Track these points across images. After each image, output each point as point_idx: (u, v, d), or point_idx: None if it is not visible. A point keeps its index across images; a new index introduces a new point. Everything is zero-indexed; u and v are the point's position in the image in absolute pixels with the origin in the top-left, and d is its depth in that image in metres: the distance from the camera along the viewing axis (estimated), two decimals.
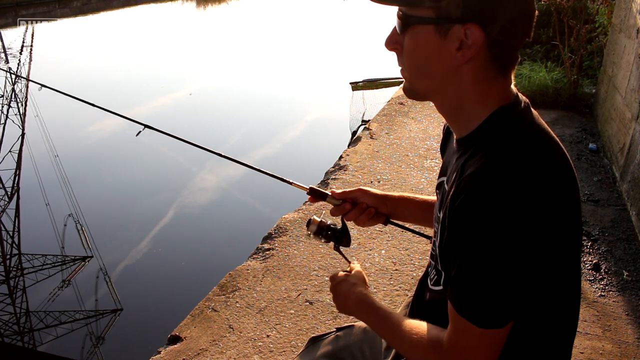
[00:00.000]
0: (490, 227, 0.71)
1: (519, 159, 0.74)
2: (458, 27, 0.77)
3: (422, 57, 0.82)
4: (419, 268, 2.58)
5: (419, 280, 1.09)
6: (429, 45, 0.80)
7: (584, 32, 4.78)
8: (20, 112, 8.44)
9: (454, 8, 0.76)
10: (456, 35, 0.77)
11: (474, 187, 0.73)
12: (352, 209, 1.16)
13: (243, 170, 6.23)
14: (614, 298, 2.42)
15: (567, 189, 0.77)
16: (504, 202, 0.71)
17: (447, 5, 0.76)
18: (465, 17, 0.76)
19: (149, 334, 3.75)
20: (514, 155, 0.75)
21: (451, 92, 0.83)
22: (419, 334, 0.86)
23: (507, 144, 0.77)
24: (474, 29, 0.76)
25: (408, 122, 4.71)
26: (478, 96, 0.82)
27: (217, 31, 17.27)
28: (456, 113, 0.86)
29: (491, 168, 0.74)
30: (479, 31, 0.76)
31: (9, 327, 4.46)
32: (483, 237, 0.72)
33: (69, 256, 5.07)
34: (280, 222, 3.06)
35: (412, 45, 0.82)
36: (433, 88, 0.85)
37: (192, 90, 9.80)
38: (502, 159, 0.74)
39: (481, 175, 0.74)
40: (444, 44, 0.78)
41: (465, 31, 0.76)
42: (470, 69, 0.80)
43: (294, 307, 2.35)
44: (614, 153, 3.67)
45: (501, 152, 0.75)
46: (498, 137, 0.79)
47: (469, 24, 0.76)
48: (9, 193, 6.24)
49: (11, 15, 17.74)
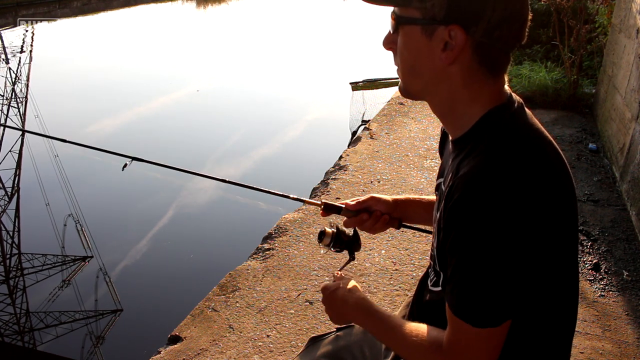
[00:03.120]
0: (483, 227, 0.72)
1: (512, 159, 0.74)
2: (442, 29, 0.77)
3: (412, 57, 0.83)
4: (419, 268, 2.58)
5: (419, 280, 1.09)
6: (417, 46, 0.81)
7: (584, 32, 4.78)
8: (21, 112, 8.44)
9: (437, 9, 0.77)
10: (440, 37, 0.78)
11: (467, 187, 0.73)
12: (369, 219, 1.15)
13: (243, 170, 6.23)
14: (614, 298, 2.42)
15: (561, 188, 0.77)
16: (496, 201, 0.71)
17: (432, 6, 0.77)
18: (449, 18, 0.77)
19: (149, 334, 3.75)
20: (507, 154, 0.75)
21: (442, 92, 0.84)
22: (418, 336, 0.86)
23: (500, 144, 0.77)
24: (456, 30, 0.77)
25: (408, 122, 4.71)
26: (469, 97, 0.82)
27: (217, 31, 17.27)
28: (449, 114, 0.86)
29: (484, 168, 0.74)
30: (462, 33, 0.77)
31: (9, 327, 4.46)
32: (476, 237, 0.72)
33: (69, 256, 5.07)
34: (280, 222, 3.06)
35: (403, 45, 0.84)
36: (424, 88, 0.86)
37: (192, 90, 9.80)
38: (495, 158, 0.75)
39: (474, 175, 0.74)
40: (430, 45, 0.79)
41: (449, 32, 0.77)
42: (458, 70, 0.80)
43: (294, 307, 2.35)
44: (613, 153, 3.67)
45: (494, 152, 0.76)
46: (491, 137, 0.79)
47: (452, 25, 0.77)
48: (9, 193, 6.23)
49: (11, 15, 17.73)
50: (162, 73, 11.18)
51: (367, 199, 1.17)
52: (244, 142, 7.12)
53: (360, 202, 1.17)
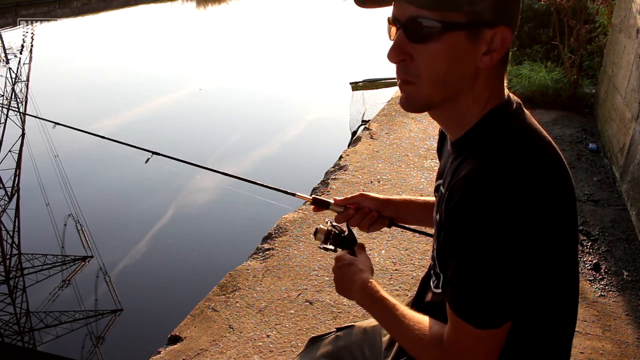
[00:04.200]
0: (484, 228, 0.71)
1: (511, 160, 0.74)
2: (488, 31, 0.75)
3: (447, 65, 0.76)
4: (419, 268, 2.58)
5: (421, 279, 1.09)
6: (458, 52, 0.76)
7: (584, 32, 4.78)
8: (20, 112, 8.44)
9: (487, 11, 0.74)
10: (485, 39, 0.76)
11: (467, 188, 0.73)
12: (356, 214, 1.16)
13: (243, 170, 6.23)
14: (614, 298, 2.42)
15: (561, 188, 0.77)
16: (497, 203, 0.71)
17: (482, 9, 0.74)
18: (497, 20, 0.75)
19: (149, 334, 3.75)
20: (506, 155, 0.75)
21: (462, 98, 0.81)
22: (421, 329, 0.86)
23: (500, 145, 0.77)
24: (504, 31, 0.76)
25: (408, 122, 4.71)
26: (475, 98, 0.81)
27: (217, 31, 17.27)
28: (452, 117, 0.85)
29: (484, 169, 0.74)
30: (509, 33, 0.76)
31: (9, 327, 4.46)
32: (476, 238, 0.72)
33: (69, 256, 5.07)
34: (280, 222, 3.06)
35: (437, 54, 0.76)
36: (450, 97, 0.81)
37: (192, 89, 9.79)
38: (495, 159, 0.74)
39: (474, 176, 0.74)
40: (473, 49, 0.76)
41: (493, 35, 0.76)
42: (487, 73, 0.79)
43: (294, 307, 2.35)
44: (614, 153, 3.67)
45: (494, 153, 0.75)
46: (491, 138, 0.79)
47: (500, 26, 0.75)
48: (9, 193, 6.24)
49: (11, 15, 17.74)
50: (162, 73, 11.19)
51: (356, 195, 1.18)
52: (244, 142, 7.13)
53: (348, 198, 1.18)
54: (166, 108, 8.78)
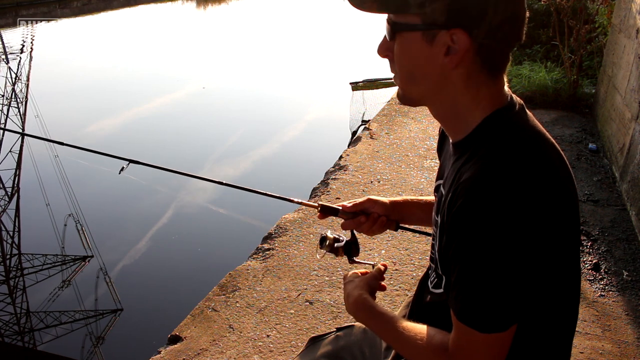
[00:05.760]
0: (488, 233, 0.71)
1: (515, 163, 0.74)
2: (444, 33, 0.76)
3: (412, 63, 0.82)
4: (419, 268, 2.58)
5: (420, 280, 1.09)
6: (417, 52, 0.80)
7: (583, 32, 4.78)
8: (21, 112, 8.44)
9: (438, 14, 0.75)
10: (442, 41, 0.77)
11: (471, 193, 0.73)
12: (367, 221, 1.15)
13: (242, 170, 6.23)
14: (613, 298, 2.42)
15: (565, 191, 0.77)
16: (500, 207, 0.71)
17: (432, 11, 0.75)
18: (450, 22, 0.76)
19: (149, 334, 3.75)
20: (509, 159, 0.75)
21: (444, 97, 0.83)
22: (423, 340, 0.86)
23: (502, 148, 0.76)
24: (459, 34, 0.76)
25: (408, 122, 4.71)
26: (471, 100, 0.82)
27: (217, 31, 17.27)
28: (451, 118, 0.85)
29: (487, 173, 0.74)
30: (465, 36, 0.76)
31: (9, 327, 4.46)
32: (481, 243, 0.72)
33: (69, 256, 5.07)
34: (280, 222, 3.06)
35: (401, 52, 0.82)
36: (425, 94, 0.85)
37: (192, 90, 9.79)
38: (498, 163, 0.74)
39: (476, 181, 0.74)
40: (432, 50, 0.78)
41: (451, 37, 0.76)
42: (461, 74, 0.80)
43: (294, 307, 2.35)
44: (613, 153, 3.67)
45: (497, 156, 0.75)
46: (493, 140, 0.78)
47: (454, 29, 0.76)
48: (9, 193, 6.23)
49: (11, 15, 17.73)
50: (161, 73, 11.18)
51: (364, 200, 1.16)
52: (243, 142, 7.12)
53: (357, 204, 1.16)
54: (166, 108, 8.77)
